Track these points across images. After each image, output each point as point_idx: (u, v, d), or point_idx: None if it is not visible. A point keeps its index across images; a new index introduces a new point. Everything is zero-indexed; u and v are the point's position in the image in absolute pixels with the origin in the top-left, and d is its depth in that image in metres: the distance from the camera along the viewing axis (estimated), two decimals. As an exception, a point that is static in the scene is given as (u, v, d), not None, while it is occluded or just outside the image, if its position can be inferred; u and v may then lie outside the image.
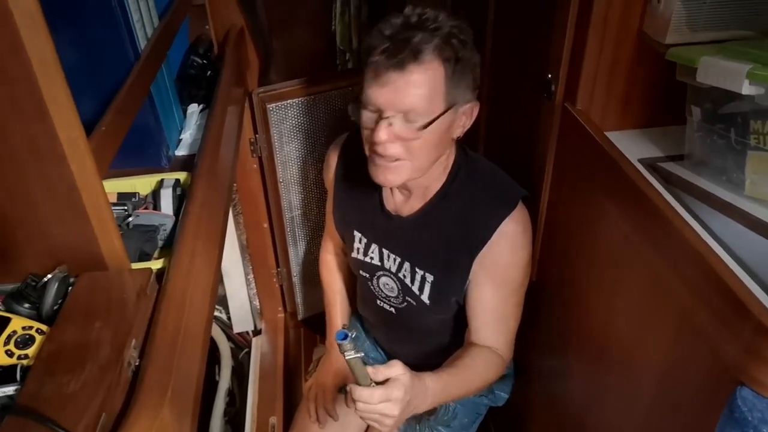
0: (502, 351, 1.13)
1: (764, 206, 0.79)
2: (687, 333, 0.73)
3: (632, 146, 0.93)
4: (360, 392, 0.88)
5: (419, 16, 0.93)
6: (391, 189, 1.13)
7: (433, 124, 0.93)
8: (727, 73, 0.74)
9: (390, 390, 0.88)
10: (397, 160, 0.96)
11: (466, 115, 1.00)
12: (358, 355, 0.85)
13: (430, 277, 1.11)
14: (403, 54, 0.90)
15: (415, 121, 0.92)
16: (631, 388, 0.89)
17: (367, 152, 1.00)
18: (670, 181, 0.86)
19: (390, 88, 0.91)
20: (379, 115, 0.93)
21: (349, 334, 0.83)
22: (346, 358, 0.84)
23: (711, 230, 0.75)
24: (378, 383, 0.89)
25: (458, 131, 1.01)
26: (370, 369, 0.88)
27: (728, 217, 0.78)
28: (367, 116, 0.96)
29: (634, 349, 0.87)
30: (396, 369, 0.90)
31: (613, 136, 0.95)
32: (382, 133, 0.92)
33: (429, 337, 1.24)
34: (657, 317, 0.79)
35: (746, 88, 0.72)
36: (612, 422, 0.97)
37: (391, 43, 0.91)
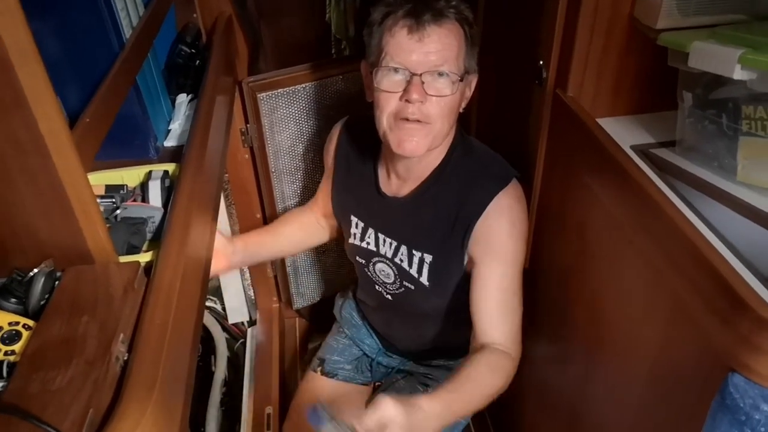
0: (509, 347, 1.06)
1: (756, 192, 0.79)
2: (679, 320, 0.73)
3: (624, 133, 0.93)
4: None
5: None
6: (388, 172, 1.13)
7: (457, 84, 0.95)
8: (718, 58, 0.74)
9: None
10: (421, 123, 0.96)
11: (469, 87, 1.03)
12: (333, 426, 0.82)
13: (428, 258, 1.11)
14: (430, 12, 0.93)
15: (446, 76, 0.94)
16: (623, 375, 0.89)
17: (385, 125, 0.98)
18: (661, 167, 0.86)
19: (424, 42, 0.93)
20: (409, 76, 0.93)
21: (319, 412, 0.81)
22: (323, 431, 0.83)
23: (702, 216, 0.75)
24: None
25: (464, 103, 1.03)
26: (357, 423, 0.82)
27: (720, 203, 0.78)
28: (392, 81, 0.95)
29: (626, 336, 0.87)
30: (384, 410, 0.83)
31: (604, 122, 0.95)
32: (416, 92, 0.92)
33: (426, 321, 1.24)
34: (649, 304, 0.79)
35: (738, 73, 0.72)
36: (605, 409, 0.97)
37: (415, 4, 0.94)
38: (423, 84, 0.93)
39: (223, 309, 1.87)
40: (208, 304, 1.83)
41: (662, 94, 0.92)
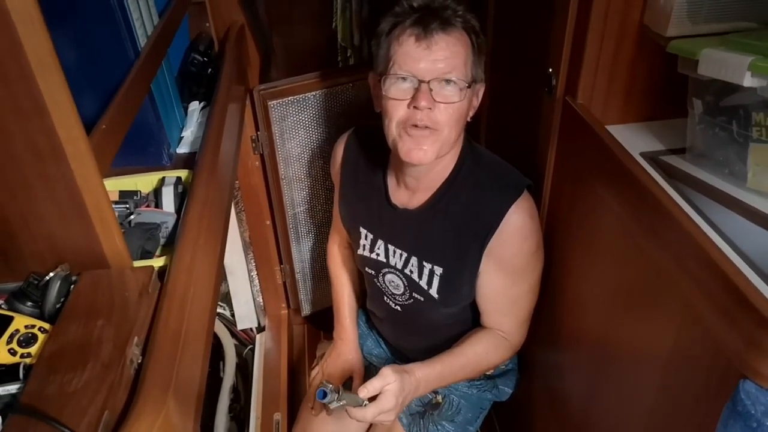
0: (510, 335, 1.16)
1: (766, 198, 0.78)
2: (689, 327, 0.73)
3: (634, 140, 0.93)
4: (355, 413, 0.98)
5: (434, 1, 0.97)
6: (397, 182, 1.13)
7: (464, 91, 0.95)
8: (728, 65, 0.74)
9: (381, 404, 0.98)
10: (430, 130, 0.96)
11: (477, 96, 1.03)
12: (341, 402, 0.95)
13: (438, 270, 1.11)
14: (438, 21, 0.94)
15: (454, 84, 0.95)
16: (634, 382, 0.89)
17: (394, 133, 0.99)
18: (672, 174, 0.85)
19: (432, 50, 0.93)
20: (417, 84, 0.94)
21: (327, 390, 0.92)
22: (332, 408, 0.95)
23: (713, 223, 0.75)
24: (371, 397, 0.98)
25: (471, 112, 1.03)
26: (361, 389, 0.97)
27: (730, 209, 0.78)
28: (400, 89, 0.96)
29: (636, 343, 0.87)
30: (386, 378, 0.99)
31: (614, 129, 0.95)
32: (425, 99, 0.93)
33: (437, 331, 1.24)
34: (659, 311, 0.79)
35: (748, 80, 0.72)
36: (615, 416, 0.97)
37: (422, 14, 0.95)
38: (431, 91, 0.94)
39: (233, 315, 1.88)
40: (217, 310, 1.83)
41: (672, 102, 0.93)
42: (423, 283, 1.14)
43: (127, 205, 0.89)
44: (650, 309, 0.82)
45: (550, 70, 1.04)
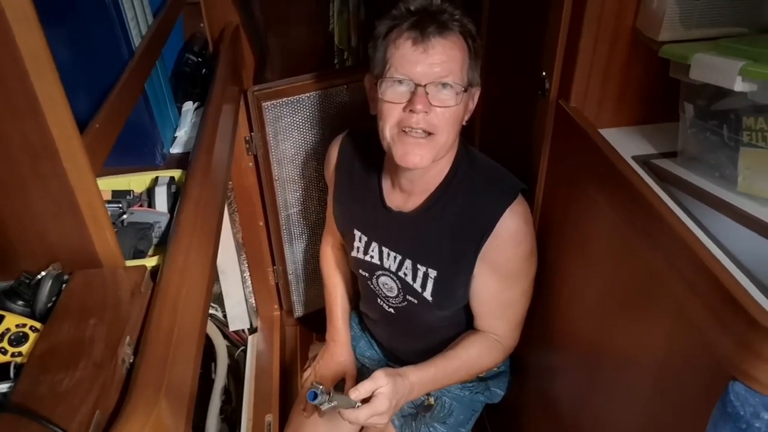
0: (504, 338, 1.17)
1: (757, 202, 0.79)
2: (681, 329, 0.73)
3: (626, 143, 0.94)
4: (348, 415, 0.99)
5: (432, 4, 0.97)
6: (392, 184, 1.13)
7: (461, 95, 0.96)
8: (719, 70, 0.75)
9: (374, 406, 0.99)
10: (427, 134, 0.96)
11: (473, 100, 1.03)
12: (332, 404, 0.96)
13: (433, 273, 1.11)
14: (435, 25, 0.94)
15: (450, 88, 0.95)
16: (625, 384, 0.89)
17: (389, 137, 0.99)
18: (663, 177, 0.86)
19: (429, 54, 0.94)
20: (414, 87, 0.94)
21: (318, 392, 0.93)
22: (324, 409, 0.96)
23: (704, 226, 0.75)
24: (364, 399, 0.99)
25: (467, 116, 1.03)
26: (353, 390, 0.98)
27: (721, 212, 0.79)
28: (397, 92, 0.96)
29: (628, 345, 0.88)
30: (378, 381, 1.00)
31: (607, 133, 0.95)
32: (421, 103, 0.93)
33: (430, 334, 1.25)
34: (651, 313, 0.80)
35: (739, 85, 0.73)
36: (607, 418, 0.97)
37: (420, 17, 0.95)
38: (427, 95, 0.94)
39: (224, 316, 1.87)
40: (209, 311, 1.83)
41: (664, 106, 0.93)
42: (417, 286, 1.14)
43: (120, 205, 0.88)
44: (643, 311, 0.82)
45: (544, 73, 1.04)
